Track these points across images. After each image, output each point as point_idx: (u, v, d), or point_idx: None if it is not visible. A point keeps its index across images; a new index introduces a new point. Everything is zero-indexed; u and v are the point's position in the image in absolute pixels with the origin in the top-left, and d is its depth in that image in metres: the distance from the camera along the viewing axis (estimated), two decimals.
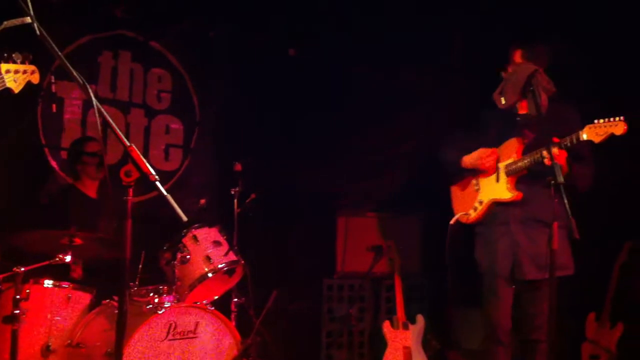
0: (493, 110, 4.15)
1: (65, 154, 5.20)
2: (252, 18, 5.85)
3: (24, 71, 3.14)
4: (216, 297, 4.65)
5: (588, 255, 4.92)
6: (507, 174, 4.00)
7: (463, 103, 5.22)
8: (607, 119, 3.55)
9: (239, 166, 4.92)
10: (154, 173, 2.61)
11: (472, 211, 4.13)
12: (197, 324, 4.11)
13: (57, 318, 4.08)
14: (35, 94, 5.08)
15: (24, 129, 5.13)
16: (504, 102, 3.98)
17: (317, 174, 6.00)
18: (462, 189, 4.26)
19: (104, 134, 4.90)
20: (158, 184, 2.63)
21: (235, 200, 4.95)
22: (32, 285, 3.95)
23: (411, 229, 6.13)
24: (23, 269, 3.74)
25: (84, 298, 4.22)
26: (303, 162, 5.96)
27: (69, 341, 4.03)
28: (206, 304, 4.25)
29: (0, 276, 3.86)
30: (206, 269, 4.31)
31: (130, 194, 2.64)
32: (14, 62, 3.12)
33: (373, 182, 6.22)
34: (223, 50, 5.90)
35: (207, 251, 4.36)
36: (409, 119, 5.99)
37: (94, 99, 2.57)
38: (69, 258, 4.03)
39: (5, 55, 3.11)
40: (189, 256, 4.29)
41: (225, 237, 4.52)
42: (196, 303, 4.25)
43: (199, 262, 4.32)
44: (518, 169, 3.93)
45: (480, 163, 4.07)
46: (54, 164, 5.30)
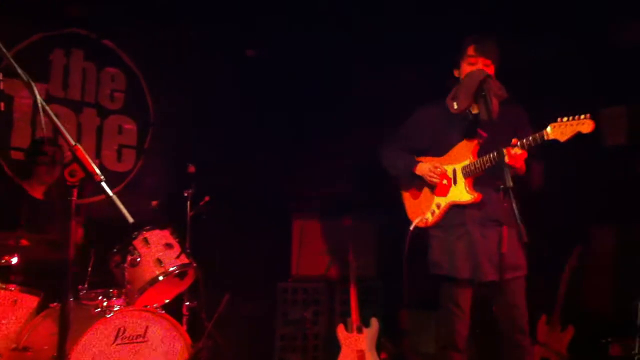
0: (431, 108, 4.17)
1: (15, 154, 5.09)
2: (208, 17, 5.80)
3: None
4: (167, 301, 4.62)
5: (538, 259, 5.00)
6: (465, 176, 3.98)
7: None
8: (573, 117, 3.52)
9: (192, 168, 4.88)
10: (100, 173, 2.56)
11: (430, 215, 4.09)
12: (147, 327, 4.07)
13: (3, 322, 3.99)
14: None
15: None
16: (456, 107, 3.99)
17: (274, 177, 5.97)
18: (415, 193, 4.24)
19: (55, 134, 4.80)
20: (104, 184, 2.58)
21: (189, 203, 4.90)
22: None
23: (367, 232, 6.13)
24: None
25: (30, 301, 4.13)
26: (259, 165, 5.92)
27: (15, 345, 3.94)
28: (156, 308, 4.20)
29: None
30: (157, 272, 4.27)
31: (75, 194, 2.58)
32: None
33: (329, 186, 6.21)
34: (178, 50, 5.83)
35: (158, 254, 4.32)
36: (368, 125, 6.00)
37: (38, 97, 2.51)
38: (15, 260, 3.94)
39: None
40: (139, 259, 4.25)
41: (177, 240, 4.48)
42: (146, 307, 4.19)
43: (149, 265, 4.28)
44: (476, 170, 3.92)
45: (429, 178, 4.07)
46: (2, 163, 5.18)
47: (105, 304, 4.07)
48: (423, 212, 4.13)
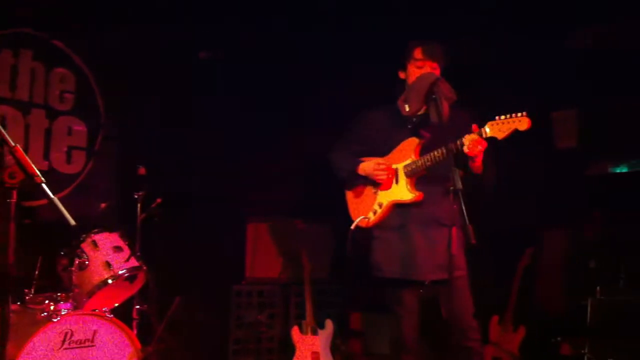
0: (381, 111, 4.19)
1: None
2: (159, 18, 5.74)
3: None
4: (117, 305, 4.55)
5: (491, 260, 5.06)
6: (407, 175, 3.99)
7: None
8: (510, 115, 3.57)
9: (143, 170, 4.81)
10: (40, 174, 2.51)
11: (372, 214, 4.09)
12: (95, 332, 4.01)
13: None
14: None
15: None
16: (407, 109, 4.01)
17: (227, 179, 5.92)
18: (358, 193, 4.24)
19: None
20: (44, 186, 2.53)
21: (139, 205, 4.84)
22: None
23: (322, 234, 6.14)
24: None
25: None
26: (212, 167, 5.87)
27: None
28: (105, 312, 4.13)
29: None
30: (106, 275, 4.22)
31: (15, 196, 2.53)
32: None
33: (284, 189, 6.19)
34: (130, 50, 5.75)
35: (107, 257, 4.26)
36: (322, 126, 5.99)
37: None
38: None
39: None
40: (87, 262, 4.19)
41: (127, 243, 4.42)
42: (95, 310, 4.12)
43: (98, 268, 4.22)
44: (418, 169, 3.93)
45: (375, 176, 4.07)
46: None
47: (52, 308, 4.00)
48: (365, 212, 4.13)
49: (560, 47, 5.67)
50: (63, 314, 3.92)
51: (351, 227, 4.04)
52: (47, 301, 4.09)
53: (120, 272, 4.26)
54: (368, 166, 4.10)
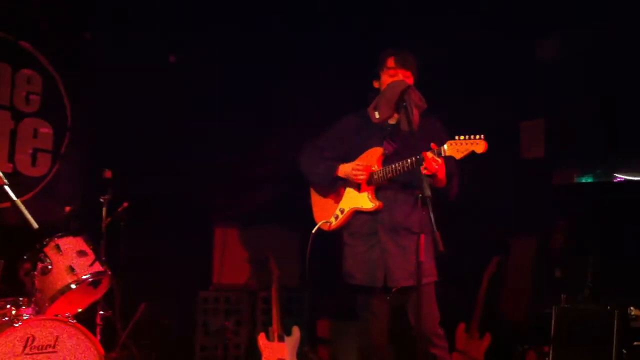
0: (352, 117, 4.20)
1: None
2: (130, 21, 5.69)
3: None
4: (80, 310, 4.47)
5: (458, 267, 5.08)
6: (368, 184, 4.01)
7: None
8: (468, 137, 3.61)
9: (109, 173, 4.76)
10: (3, 177, 2.47)
11: (334, 219, 4.12)
12: (57, 337, 3.93)
13: None
14: None
15: None
16: (378, 117, 4.02)
17: (195, 184, 5.88)
18: (323, 196, 4.26)
19: None
20: (7, 188, 2.49)
21: (104, 209, 4.78)
22: None
23: (290, 241, 6.11)
24: None
25: None
26: (180, 171, 5.81)
27: None
28: (68, 317, 4.05)
29: None
30: (69, 280, 4.14)
31: None
32: None
33: (252, 195, 6.16)
34: (98, 53, 5.69)
35: (71, 261, 4.18)
36: (291, 132, 5.98)
37: None
38: None
39: None
40: (50, 266, 4.11)
41: (91, 247, 4.36)
42: (57, 316, 4.04)
43: (61, 273, 4.14)
44: (379, 179, 3.96)
45: (354, 176, 4.07)
46: None
47: (14, 312, 3.94)
48: (327, 216, 4.16)
49: (528, 56, 5.73)
50: (25, 319, 3.85)
51: (312, 232, 4.05)
52: (9, 306, 4.02)
53: (83, 277, 4.19)
54: (347, 168, 4.11)
